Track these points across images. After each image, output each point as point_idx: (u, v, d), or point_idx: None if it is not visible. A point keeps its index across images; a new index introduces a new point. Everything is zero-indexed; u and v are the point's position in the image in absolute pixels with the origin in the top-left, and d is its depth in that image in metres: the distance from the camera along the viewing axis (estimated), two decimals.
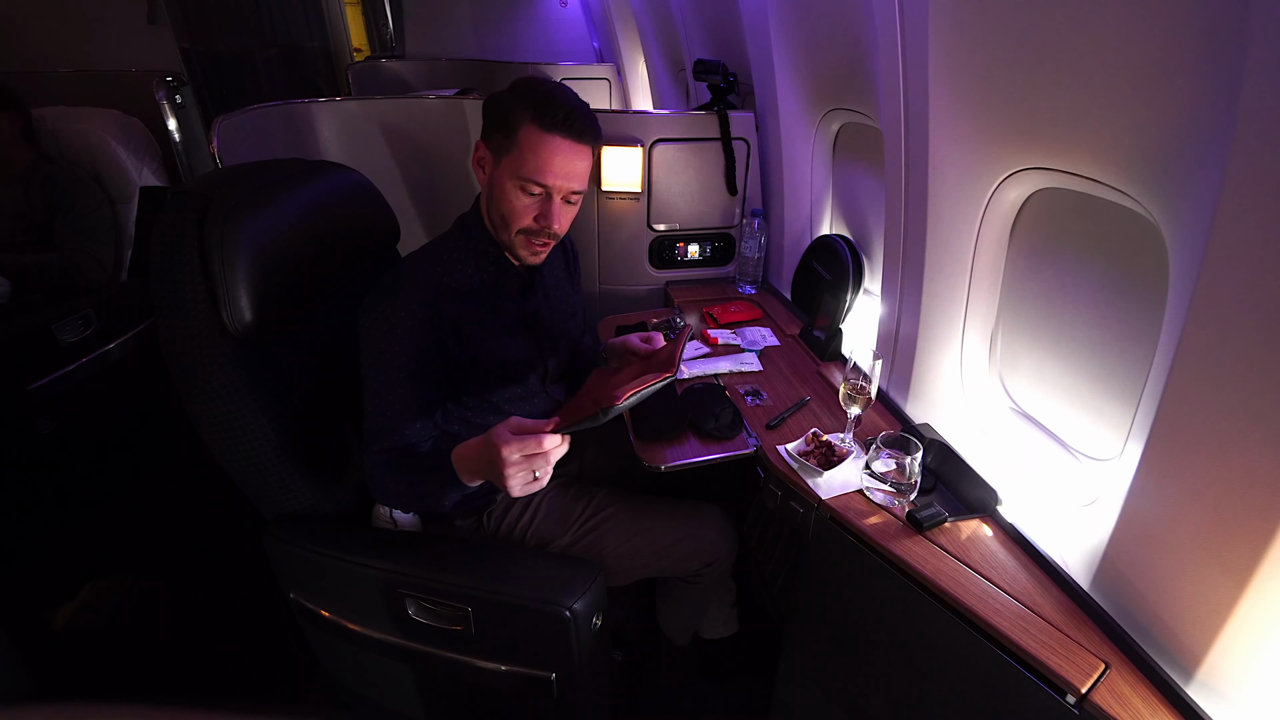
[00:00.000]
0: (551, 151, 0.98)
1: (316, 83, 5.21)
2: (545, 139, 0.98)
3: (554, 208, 1.02)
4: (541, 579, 1.04)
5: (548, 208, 1.02)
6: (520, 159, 0.99)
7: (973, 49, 0.92)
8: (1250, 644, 0.68)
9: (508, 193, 1.02)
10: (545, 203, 1.03)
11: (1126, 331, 0.90)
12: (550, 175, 0.99)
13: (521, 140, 0.98)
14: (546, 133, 0.98)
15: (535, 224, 1.04)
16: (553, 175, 1.00)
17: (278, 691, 1.56)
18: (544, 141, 0.98)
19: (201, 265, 0.96)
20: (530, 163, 0.99)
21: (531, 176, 0.99)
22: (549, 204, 1.02)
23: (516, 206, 1.02)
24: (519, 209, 1.02)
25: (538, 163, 0.98)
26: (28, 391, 1.77)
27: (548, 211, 1.02)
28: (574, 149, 1.00)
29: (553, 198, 1.02)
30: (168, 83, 2.32)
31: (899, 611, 0.98)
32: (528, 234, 1.05)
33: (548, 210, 1.02)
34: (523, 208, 1.02)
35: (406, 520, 1.18)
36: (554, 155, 0.99)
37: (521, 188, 1.01)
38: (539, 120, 0.97)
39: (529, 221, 1.03)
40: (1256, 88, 0.57)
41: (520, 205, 1.02)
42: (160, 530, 2.03)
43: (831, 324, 1.52)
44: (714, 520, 1.32)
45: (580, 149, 1.01)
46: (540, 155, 0.98)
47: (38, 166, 1.98)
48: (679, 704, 1.54)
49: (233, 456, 1.06)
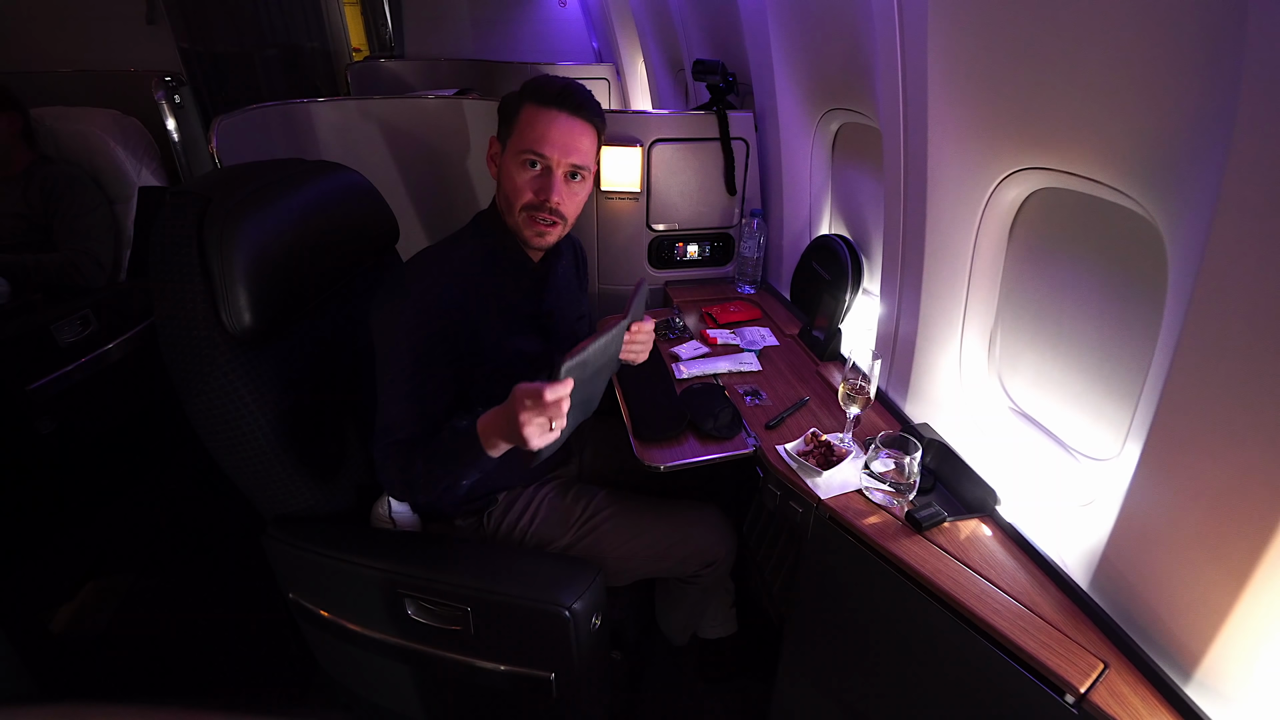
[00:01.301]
0: (548, 123, 1.02)
1: (316, 83, 5.21)
2: (541, 112, 1.02)
3: (554, 181, 1.04)
4: (541, 579, 1.04)
5: (547, 181, 1.04)
6: (520, 136, 1.03)
7: (972, 48, 0.92)
8: (1249, 643, 0.68)
9: (511, 172, 1.05)
10: (545, 176, 1.05)
11: (1125, 331, 0.90)
12: (547, 145, 1.02)
13: (521, 119, 1.03)
14: (543, 107, 1.02)
15: (536, 198, 1.05)
16: (549, 145, 1.02)
17: (278, 691, 1.56)
18: (540, 114, 1.02)
19: (201, 266, 0.96)
20: (528, 136, 1.02)
21: (530, 148, 1.02)
22: (549, 178, 1.04)
23: (518, 183, 1.05)
24: (520, 185, 1.05)
25: (534, 134, 1.02)
26: (27, 392, 1.77)
27: (547, 185, 1.04)
28: (570, 121, 1.03)
29: (553, 171, 1.04)
30: (167, 83, 2.32)
31: (898, 611, 0.98)
32: (530, 210, 1.06)
33: (547, 184, 1.04)
34: (524, 183, 1.05)
35: (406, 520, 1.18)
36: (550, 126, 1.02)
37: (522, 163, 1.04)
38: (535, 98, 1.03)
39: (530, 196, 1.05)
40: (1256, 88, 0.57)
41: (522, 180, 1.04)
42: (160, 530, 2.03)
43: (830, 324, 1.52)
44: (713, 521, 1.32)
45: (577, 122, 1.04)
46: (537, 127, 1.02)
47: (37, 167, 1.98)
48: (678, 704, 1.54)
49: (232, 457, 1.06)
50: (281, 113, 2.00)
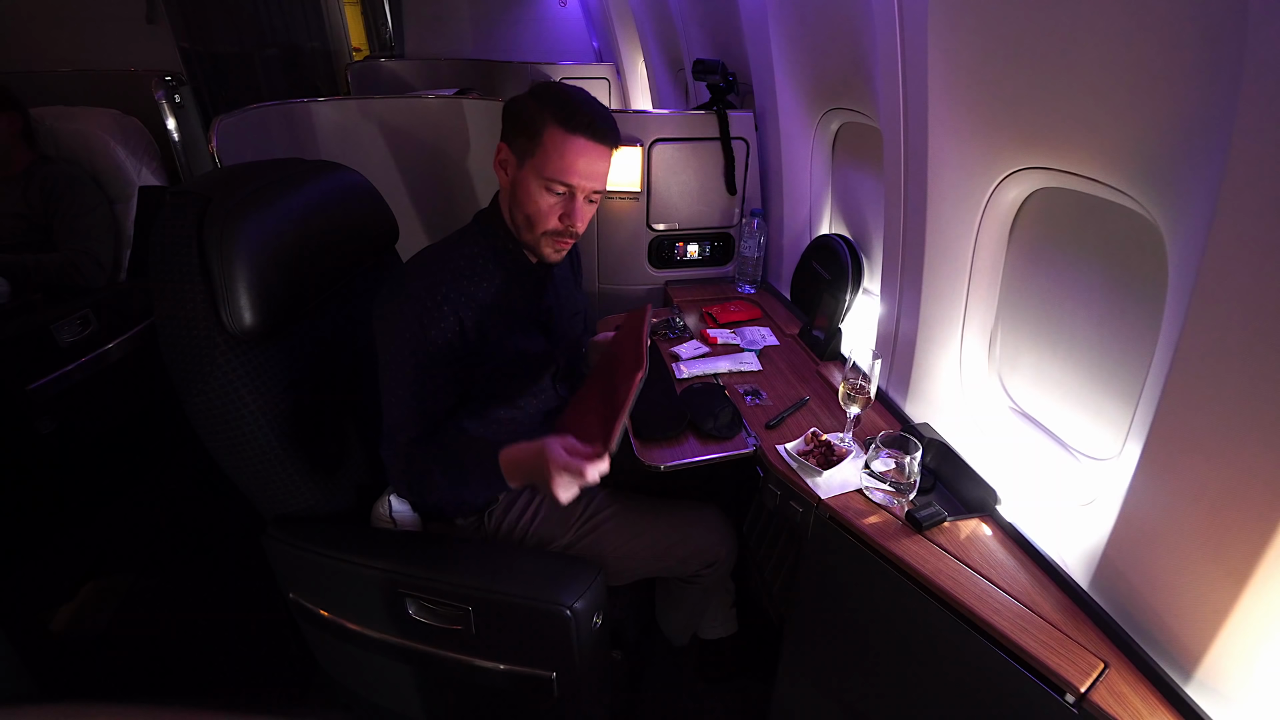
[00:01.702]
0: (577, 153, 1.02)
1: (316, 83, 5.21)
2: (570, 140, 1.01)
3: (577, 207, 1.06)
4: (542, 578, 1.04)
5: (571, 207, 1.05)
6: (545, 160, 1.02)
7: (972, 48, 0.92)
8: (1249, 643, 0.68)
9: (533, 194, 1.05)
10: (569, 202, 1.05)
11: (1126, 331, 0.90)
12: (575, 175, 1.03)
13: (546, 142, 1.02)
14: (571, 134, 1.01)
15: (560, 224, 1.07)
16: (577, 175, 1.03)
17: (278, 691, 1.56)
18: (569, 143, 1.01)
19: (200, 265, 0.96)
20: (555, 163, 1.02)
21: (557, 176, 1.02)
22: (573, 203, 1.05)
23: (542, 207, 1.05)
24: (544, 209, 1.05)
25: (563, 164, 1.02)
26: (27, 391, 1.77)
27: (571, 211, 1.05)
28: (597, 150, 1.04)
29: (576, 197, 1.05)
30: (167, 82, 2.31)
31: (898, 611, 0.98)
32: (553, 235, 1.08)
33: (571, 210, 1.05)
34: (548, 208, 1.05)
35: (407, 519, 1.18)
36: (579, 156, 1.02)
37: (547, 188, 1.04)
38: (564, 123, 1.01)
39: (554, 223, 1.06)
40: (1256, 88, 0.57)
41: (545, 205, 1.05)
42: (160, 530, 2.03)
43: (831, 323, 1.52)
44: (714, 522, 1.32)
45: (602, 150, 1.05)
46: (566, 157, 1.01)
47: (37, 166, 1.98)
48: (678, 704, 1.54)
49: (231, 457, 1.05)
50: (281, 113, 2.00)
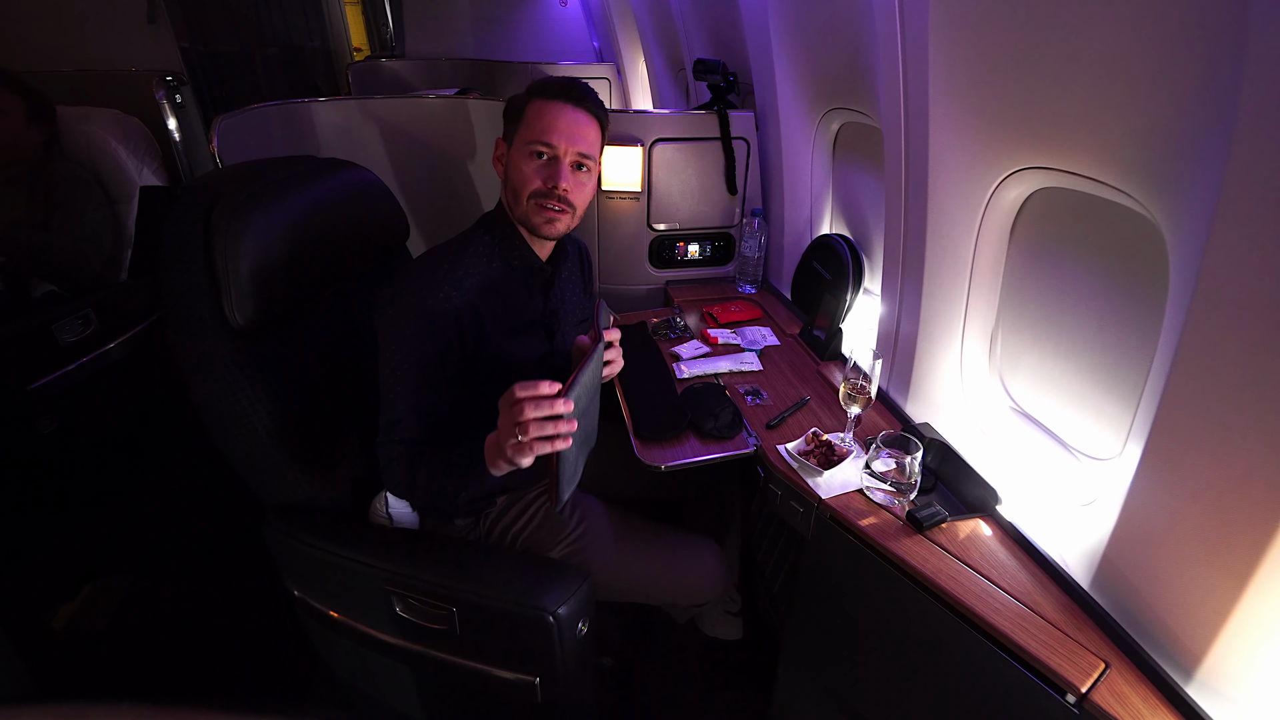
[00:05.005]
0: (555, 114, 1.04)
1: (316, 82, 5.21)
2: (548, 105, 1.05)
3: (562, 169, 1.06)
4: (526, 582, 1.03)
5: (555, 169, 1.06)
6: (527, 129, 1.06)
7: (973, 48, 0.92)
8: (1250, 643, 0.68)
9: (518, 164, 1.07)
10: (553, 165, 1.06)
11: (1126, 331, 0.90)
12: (554, 134, 1.04)
13: (529, 114, 1.06)
14: (549, 100, 1.05)
15: (544, 185, 1.06)
16: (556, 134, 1.04)
17: (278, 691, 1.56)
18: (547, 107, 1.05)
19: (206, 258, 0.96)
20: (535, 127, 1.05)
21: (537, 138, 1.04)
22: (556, 166, 1.06)
23: (526, 172, 1.06)
24: (528, 174, 1.06)
25: (542, 125, 1.04)
26: (28, 391, 1.77)
27: (555, 172, 1.06)
28: (576, 112, 1.06)
29: (561, 160, 1.06)
30: (167, 82, 2.31)
31: (899, 611, 0.97)
32: (538, 198, 1.07)
33: (555, 171, 1.06)
34: (531, 172, 1.06)
35: (403, 517, 1.18)
36: (557, 117, 1.04)
37: (529, 153, 1.06)
38: (541, 93, 1.06)
39: (538, 183, 1.06)
40: (1256, 88, 0.57)
41: (529, 170, 1.06)
42: (160, 530, 2.03)
43: (831, 323, 1.51)
44: (708, 560, 1.32)
45: (582, 113, 1.07)
46: (544, 119, 1.04)
47: (43, 166, 1.98)
48: (678, 704, 1.54)
49: (234, 446, 1.06)
50: (282, 112, 2.00)
